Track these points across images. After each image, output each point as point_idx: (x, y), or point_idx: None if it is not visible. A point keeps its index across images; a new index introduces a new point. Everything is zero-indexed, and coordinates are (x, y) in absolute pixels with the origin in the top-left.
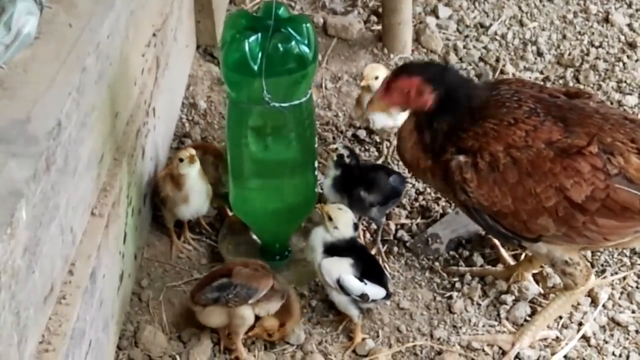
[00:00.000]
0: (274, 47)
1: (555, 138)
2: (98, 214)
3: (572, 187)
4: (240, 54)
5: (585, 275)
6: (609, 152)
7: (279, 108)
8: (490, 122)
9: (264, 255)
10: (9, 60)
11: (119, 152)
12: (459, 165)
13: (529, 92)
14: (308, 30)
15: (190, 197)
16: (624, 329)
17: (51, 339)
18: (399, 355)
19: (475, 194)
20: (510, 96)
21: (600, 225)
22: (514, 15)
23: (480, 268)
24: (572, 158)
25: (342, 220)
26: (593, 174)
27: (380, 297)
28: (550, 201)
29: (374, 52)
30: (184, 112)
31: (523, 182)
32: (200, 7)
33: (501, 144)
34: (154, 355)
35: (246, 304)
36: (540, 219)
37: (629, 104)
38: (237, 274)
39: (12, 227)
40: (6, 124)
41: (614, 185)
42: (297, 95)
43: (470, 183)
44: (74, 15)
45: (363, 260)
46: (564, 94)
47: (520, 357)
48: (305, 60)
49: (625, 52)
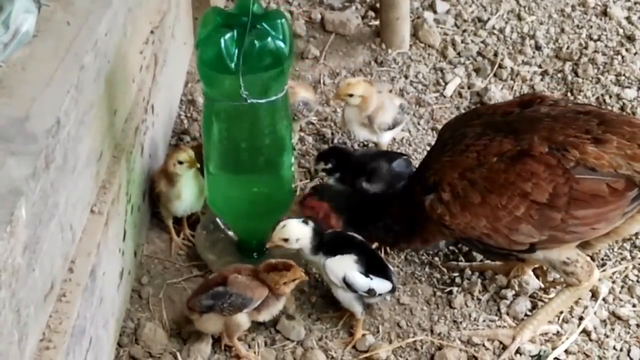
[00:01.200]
0: (250, 43)
1: (506, 149)
2: (97, 211)
3: (533, 189)
4: (216, 51)
5: (588, 270)
6: (563, 149)
7: (256, 104)
8: (445, 155)
9: (241, 251)
10: (8, 58)
11: (118, 150)
12: (430, 204)
13: (479, 122)
14: (283, 25)
15: (182, 193)
16: (625, 323)
17: (52, 337)
18: (399, 350)
19: (454, 225)
20: (459, 134)
21: (581, 217)
22: (512, 9)
23: (480, 263)
24: (523, 162)
25: (294, 235)
26: (550, 172)
27: (386, 290)
28: (519, 209)
29: (371, 47)
30: (182, 109)
31: (487, 200)
32: (197, 4)
33: (456, 171)
34: (155, 352)
35: (241, 312)
36: (520, 229)
37: (627, 97)
38: (233, 283)
39: (12, 225)
40: (5, 122)
41: (575, 177)
42: (274, 91)
43: (445, 217)
44: (71, 13)
45: (366, 255)
46: (518, 104)
47: (521, 351)
48: (281, 56)
49: (623, 45)
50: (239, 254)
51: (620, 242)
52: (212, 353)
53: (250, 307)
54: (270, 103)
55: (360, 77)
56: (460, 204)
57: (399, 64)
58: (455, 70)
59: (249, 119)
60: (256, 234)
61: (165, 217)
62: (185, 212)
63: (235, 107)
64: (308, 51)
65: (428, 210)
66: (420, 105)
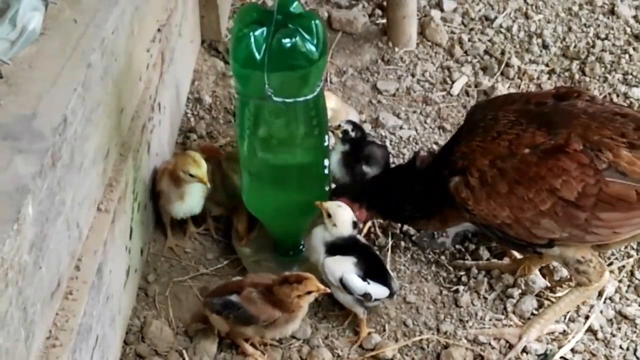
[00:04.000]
0: (278, 41)
1: (539, 141)
2: (104, 209)
3: (562, 186)
4: (246, 47)
5: (600, 272)
6: (597, 149)
7: (282, 103)
8: (476, 140)
9: (277, 250)
10: (15, 56)
11: (125, 148)
12: (455, 187)
13: (513, 108)
14: (317, 27)
15: (185, 196)
16: (631, 322)
17: (58, 335)
18: (405, 349)
19: (476, 211)
20: (491, 117)
21: (605, 220)
22: (519, 8)
23: (487, 262)
24: (556, 158)
25: (340, 218)
26: (581, 171)
27: (383, 296)
28: (545, 204)
29: (378, 45)
30: (189, 107)
31: (514, 191)
32: (204, 2)
33: (487, 158)
34: (161, 350)
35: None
36: (543, 223)
37: (635, 96)
38: (245, 297)
39: (19, 223)
40: (12, 120)
41: (605, 179)
42: (303, 92)
43: (468, 201)
44: (78, 11)
45: (366, 259)
46: (554, 95)
47: (528, 350)
48: (309, 57)
49: (631, 44)
50: (275, 252)
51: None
52: (219, 351)
53: (255, 325)
54: (301, 103)
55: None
56: (486, 191)
57: (406, 63)
58: (462, 68)
59: (283, 118)
60: (291, 232)
61: (163, 215)
62: (185, 214)
63: (267, 105)
64: None
65: (452, 192)
66: (427, 103)
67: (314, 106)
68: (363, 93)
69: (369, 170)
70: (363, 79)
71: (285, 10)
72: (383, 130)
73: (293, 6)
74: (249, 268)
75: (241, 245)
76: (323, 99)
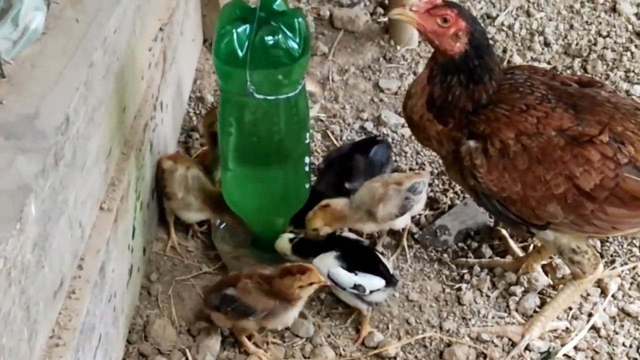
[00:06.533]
0: (260, 39)
1: (566, 126)
2: (107, 208)
3: (582, 175)
4: (229, 43)
5: (594, 264)
6: (620, 141)
7: (264, 101)
8: (502, 107)
9: (257, 246)
10: (17, 55)
11: (127, 147)
12: (468, 151)
13: (541, 79)
14: (299, 25)
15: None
16: (634, 319)
17: (61, 334)
18: (408, 347)
19: (485, 180)
20: (523, 81)
21: (610, 214)
22: (521, 6)
23: (489, 259)
24: (583, 147)
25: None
26: (603, 163)
27: (379, 287)
28: (559, 188)
29: (380, 44)
30: (191, 106)
31: (533, 169)
32: (206, 1)
33: (512, 131)
34: (164, 349)
35: (245, 319)
36: (549, 206)
37: (637, 94)
38: (240, 289)
39: (22, 222)
40: (14, 119)
41: (623, 175)
42: (285, 89)
43: (480, 169)
44: (80, 11)
45: (350, 251)
46: (576, 82)
47: (530, 348)
48: (292, 55)
49: (633, 41)
50: (255, 249)
51: (630, 239)
52: (222, 350)
53: (253, 317)
54: (283, 101)
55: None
56: (503, 164)
57: (408, 61)
58: None
59: (264, 115)
60: (271, 229)
61: (167, 214)
62: (196, 221)
63: (249, 102)
64: (317, 48)
65: (462, 155)
66: None
67: (296, 104)
68: (365, 91)
69: (353, 186)
70: (365, 77)
71: (269, 7)
72: (385, 129)
73: (276, 4)
74: (229, 264)
75: (219, 242)
76: (305, 96)
